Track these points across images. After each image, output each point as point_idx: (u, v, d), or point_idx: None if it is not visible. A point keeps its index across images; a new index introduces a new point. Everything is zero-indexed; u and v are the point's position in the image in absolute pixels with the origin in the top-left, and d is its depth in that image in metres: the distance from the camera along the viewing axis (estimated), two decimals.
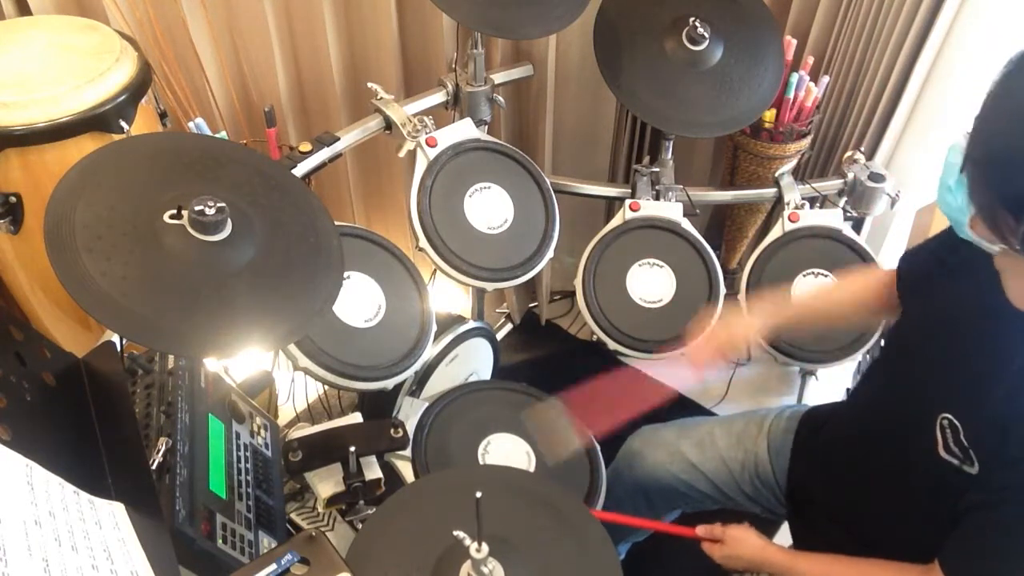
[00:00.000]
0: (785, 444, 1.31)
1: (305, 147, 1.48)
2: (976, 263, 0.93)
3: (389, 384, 1.40)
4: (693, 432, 1.41)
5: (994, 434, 0.88)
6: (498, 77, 1.72)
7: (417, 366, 1.45)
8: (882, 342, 1.64)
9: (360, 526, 1.28)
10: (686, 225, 1.67)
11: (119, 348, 0.98)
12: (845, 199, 1.75)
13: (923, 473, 0.98)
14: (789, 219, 1.67)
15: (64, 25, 1.39)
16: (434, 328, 1.49)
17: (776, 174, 1.76)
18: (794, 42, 1.78)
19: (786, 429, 1.33)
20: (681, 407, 2.11)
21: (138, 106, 1.34)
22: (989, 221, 0.79)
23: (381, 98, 1.57)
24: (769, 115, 1.79)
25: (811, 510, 1.25)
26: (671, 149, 1.77)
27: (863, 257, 1.65)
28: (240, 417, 1.13)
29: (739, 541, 1.17)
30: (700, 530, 1.22)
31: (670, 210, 1.67)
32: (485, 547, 0.81)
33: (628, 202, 1.67)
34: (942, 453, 0.94)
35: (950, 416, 0.93)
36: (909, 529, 1.05)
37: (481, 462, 1.37)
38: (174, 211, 0.93)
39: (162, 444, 0.93)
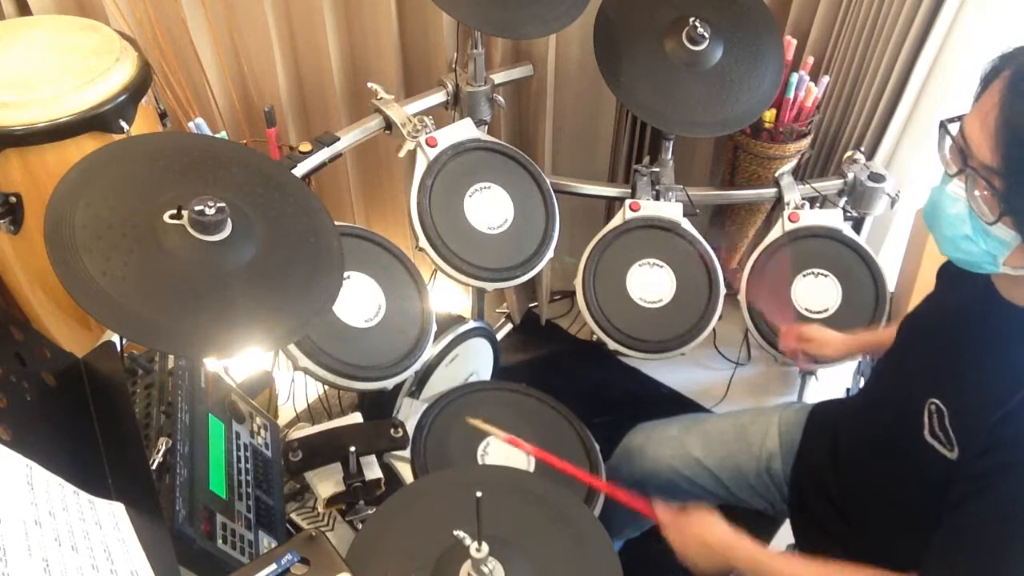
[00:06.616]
0: (795, 438, 1.32)
1: (305, 147, 1.48)
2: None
3: (389, 384, 1.40)
4: (698, 427, 1.40)
5: (976, 420, 0.90)
6: (498, 77, 1.72)
7: (417, 366, 1.45)
8: None
9: (360, 526, 1.28)
10: (686, 225, 1.67)
11: (119, 348, 0.98)
12: (845, 199, 1.75)
13: (909, 457, 1.00)
14: (789, 219, 1.67)
15: (64, 25, 1.39)
16: (434, 328, 1.49)
17: (776, 174, 1.76)
18: (794, 42, 1.78)
19: (796, 422, 1.33)
20: (681, 407, 2.11)
21: (138, 106, 1.34)
22: None
23: (381, 98, 1.57)
24: (769, 115, 1.79)
25: (815, 504, 1.25)
26: (671, 149, 1.77)
27: (863, 257, 1.65)
28: (240, 417, 1.13)
29: (706, 524, 1.08)
30: (659, 508, 1.12)
31: (670, 210, 1.67)
32: (485, 547, 0.81)
33: (628, 202, 1.67)
34: (927, 437, 0.96)
35: (937, 401, 0.95)
36: (902, 520, 1.06)
37: (480, 463, 1.37)
38: (174, 211, 0.93)
39: (162, 444, 0.93)
